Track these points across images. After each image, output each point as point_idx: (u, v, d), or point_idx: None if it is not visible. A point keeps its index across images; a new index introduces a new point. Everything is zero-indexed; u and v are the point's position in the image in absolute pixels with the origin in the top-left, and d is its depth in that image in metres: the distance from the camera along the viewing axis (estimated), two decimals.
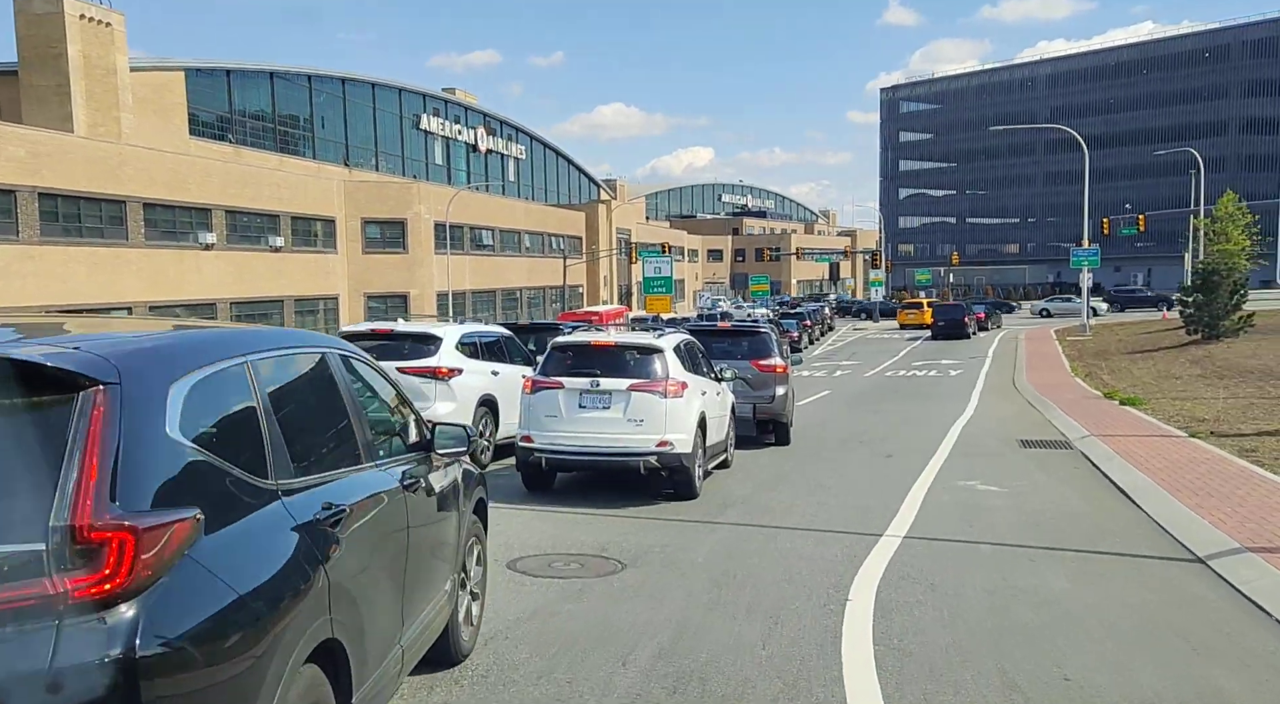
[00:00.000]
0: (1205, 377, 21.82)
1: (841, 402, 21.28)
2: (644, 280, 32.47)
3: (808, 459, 12.21)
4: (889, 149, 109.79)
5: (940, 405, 19.92)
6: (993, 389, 23.42)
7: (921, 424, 16.52)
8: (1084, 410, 17.01)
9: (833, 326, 55.26)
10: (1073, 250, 41.48)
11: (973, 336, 44.24)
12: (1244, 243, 43.36)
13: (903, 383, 25.93)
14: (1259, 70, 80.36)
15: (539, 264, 66.05)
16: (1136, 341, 33.92)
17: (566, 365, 9.11)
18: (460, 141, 77.93)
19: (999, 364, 30.80)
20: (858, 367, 31.71)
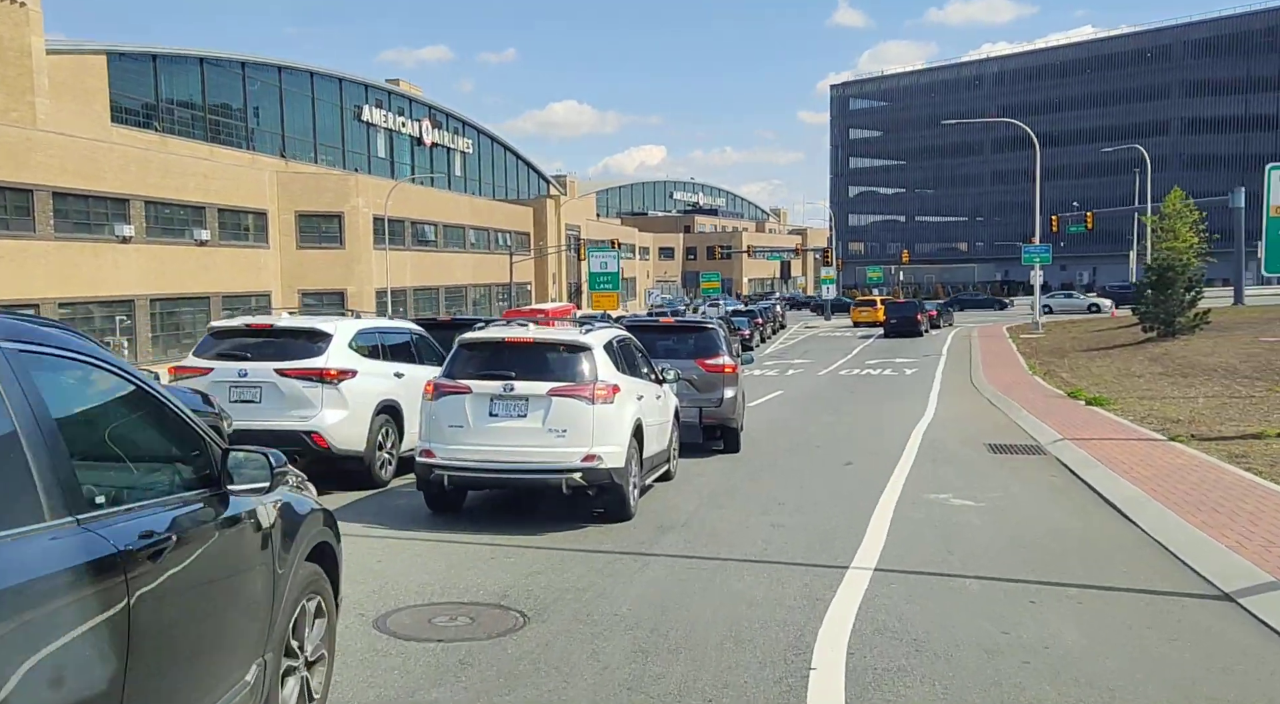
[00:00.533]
0: (1167, 375, 21.13)
1: (795, 402, 20.17)
2: (590, 276, 31.10)
3: (760, 469, 10.98)
4: (839, 146, 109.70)
5: (899, 406, 18.89)
6: (951, 388, 22.51)
7: (881, 427, 15.43)
8: (1050, 411, 16.07)
9: (784, 324, 54.44)
10: (1024, 247, 41.08)
11: (925, 334, 43.64)
12: (1192, 240, 43.32)
13: (858, 382, 24.95)
14: (1200, 70, 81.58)
15: (485, 260, 64.27)
16: (1091, 339, 33.45)
17: (476, 366, 7.72)
18: (404, 134, 75.76)
19: (954, 362, 30.03)
20: (811, 365, 30.73)
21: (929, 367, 28.85)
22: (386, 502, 8.55)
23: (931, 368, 28.41)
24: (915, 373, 27.02)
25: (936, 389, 22.28)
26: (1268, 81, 78.95)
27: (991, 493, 9.32)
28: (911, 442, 13.34)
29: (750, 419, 15.93)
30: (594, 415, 7.43)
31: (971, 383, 23.63)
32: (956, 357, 32.02)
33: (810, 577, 6.02)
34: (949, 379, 24.70)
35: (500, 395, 7.49)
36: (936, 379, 24.79)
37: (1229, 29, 79.65)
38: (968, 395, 20.92)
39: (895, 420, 16.26)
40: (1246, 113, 78.54)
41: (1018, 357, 29.71)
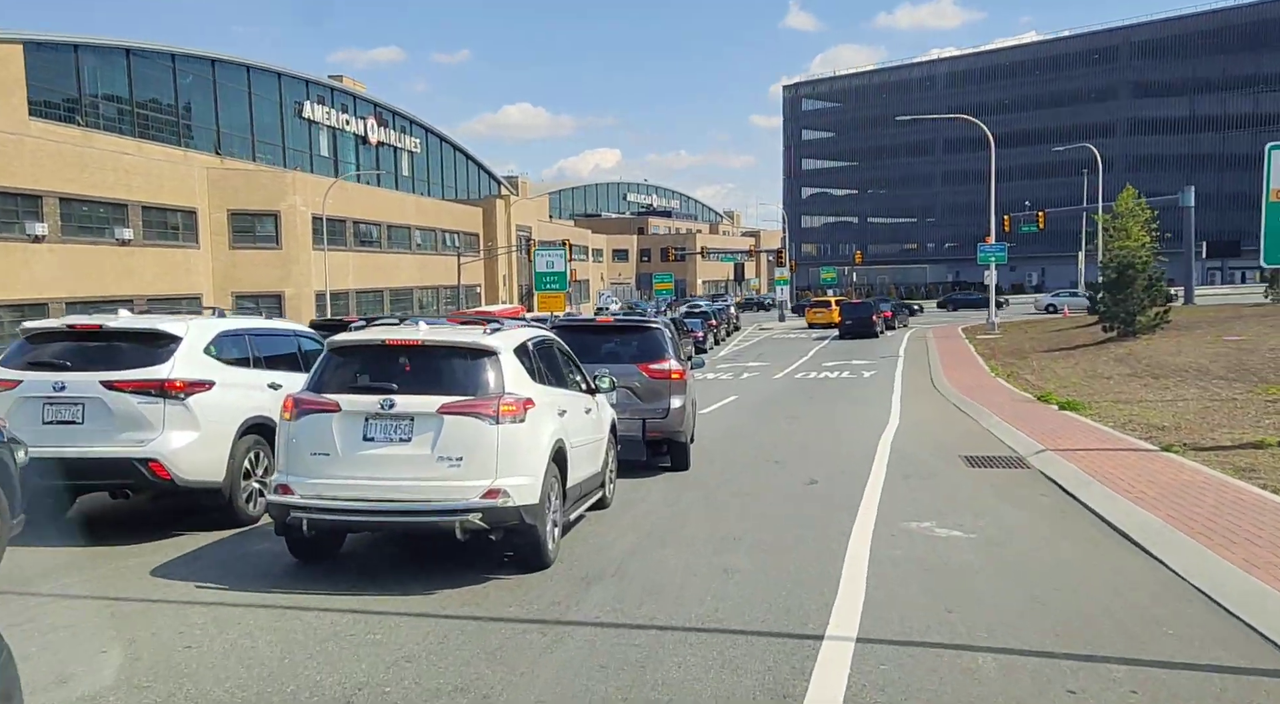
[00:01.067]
0: (1137, 376, 20.20)
1: (751, 408, 18.83)
2: (536, 276, 29.52)
3: (712, 491, 9.57)
4: (792, 147, 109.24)
5: (861, 411, 17.65)
6: (913, 391, 21.37)
7: (844, 435, 14.13)
8: (1023, 416, 14.91)
9: (739, 326, 53.33)
10: (980, 247, 40.40)
11: (881, 335, 42.77)
12: (1145, 239, 43.02)
13: (815, 386, 23.73)
14: (1146, 72, 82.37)
15: (431, 262, 62.29)
16: (1049, 339, 32.71)
17: (349, 377, 6.14)
18: (348, 132, 73.39)
19: (913, 364, 29.01)
20: (766, 368, 29.49)
21: (887, 369, 27.79)
22: (244, 547, 6.90)
23: (890, 370, 27.35)
24: (874, 375, 25.92)
25: (898, 392, 21.14)
26: (1212, 82, 79.99)
27: (981, 520, 8.01)
28: (879, 453, 12.05)
29: (703, 428, 14.55)
30: (499, 438, 5.86)
31: (933, 385, 22.54)
32: (914, 358, 31.05)
33: (774, 654, 4.60)
34: (910, 382, 23.59)
35: (378, 414, 5.89)
36: (896, 382, 23.68)
37: (1174, 31, 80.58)
38: (931, 399, 19.78)
39: (858, 428, 14.99)
40: (1192, 114, 79.49)
41: (977, 358, 28.79)
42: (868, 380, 24.62)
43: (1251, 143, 77.85)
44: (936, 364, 27.60)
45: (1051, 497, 9.11)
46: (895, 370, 27.05)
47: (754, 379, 26.14)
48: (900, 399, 19.70)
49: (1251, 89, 78.68)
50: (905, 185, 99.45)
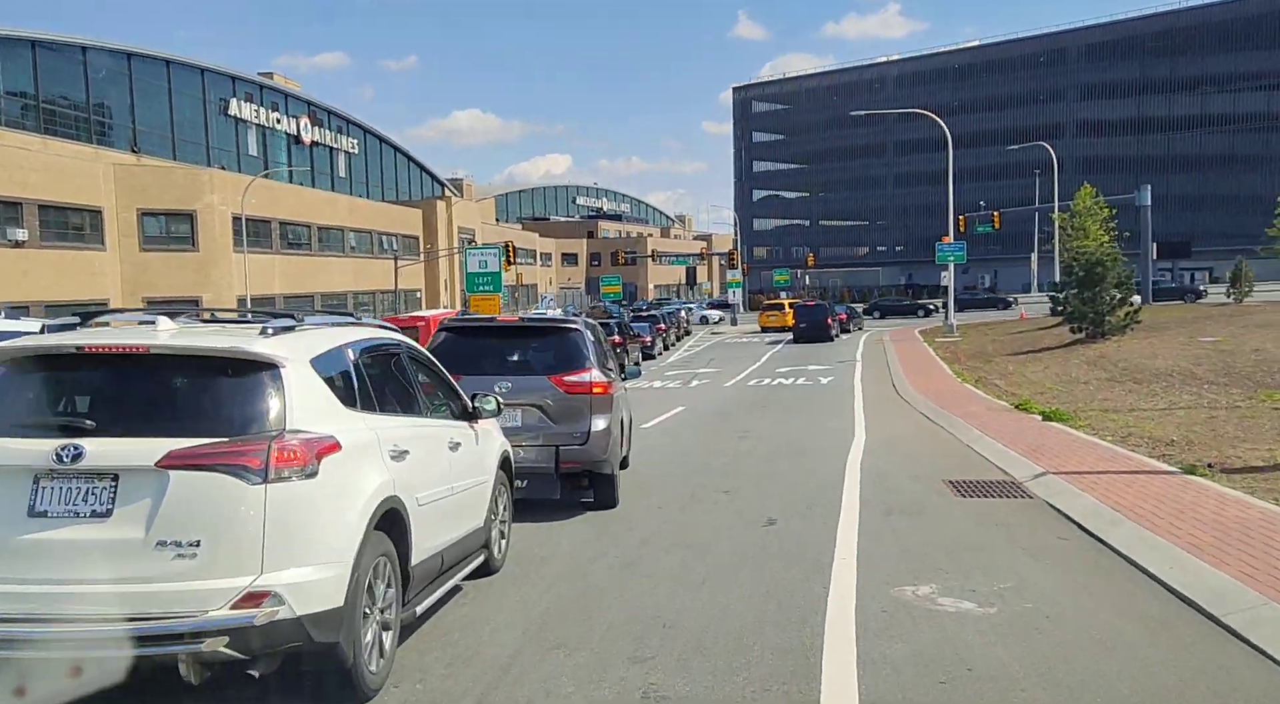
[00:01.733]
0: (1116, 380, 18.55)
1: (699, 422, 16.75)
2: (467, 277, 27.17)
3: (642, 541, 7.42)
4: (742, 150, 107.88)
5: (822, 424, 15.68)
6: (877, 399, 19.49)
7: (806, 454, 12.10)
8: (1004, 429, 13.04)
9: (690, 330, 51.42)
10: (938, 246, 38.99)
11: (836, 339, 41.13)
12: (1103, 238, 41.99)
13: (770, 393, 21.75)
14: (1094, 73, 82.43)
15: (368, 265, 59.44)
16: (1013, 342, 31.21)
17: (17, 409, 3.86)
18: (279, 132, 70.21)
19: (872, 369, 27.24)
20: (717, 375, 27.50)
21: (845, 374, 25.96)
22: None
23: (848, 376, 25.52)
24: (832, 382, 24.04)
25: (860, 401, 19.24)
26: (1158, 84, 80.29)
27: (996, 582, 5.98)
28: (849, 479, 10.02)
29: (643, 447, 12.44)
30: (267, 506, 3.63)
31: (897, 393, 20.71)
32: (873, 363, 29.31)
33: None
34: (871, 389, 21.74)
35: (55, 470, 3.62)
36: (857, 389, 21.81)
37: (1121, 33, 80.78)
38: (898, 409, 17.89)
39: (822, 444, 12.99)
40: (1139, 115, 79.69)
41: (939, 362, 27.12)
42: (826, 388, 22.73)
43: (1198, 144, 78.37)
44: (897, 369, 25.85)
45: (1074, 541, 7.12)
46: (854, 376, 25.23)
47: (704, 387, 24.11)
48: (864, 409, 17.78)
49: (1198, 90, 79.13)
50: (857, 188, 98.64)
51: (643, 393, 23.04)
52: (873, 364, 28.80)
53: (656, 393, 23.05)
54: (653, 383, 25.63)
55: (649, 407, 19.23)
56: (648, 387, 24.81)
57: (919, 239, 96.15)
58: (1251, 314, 30.17)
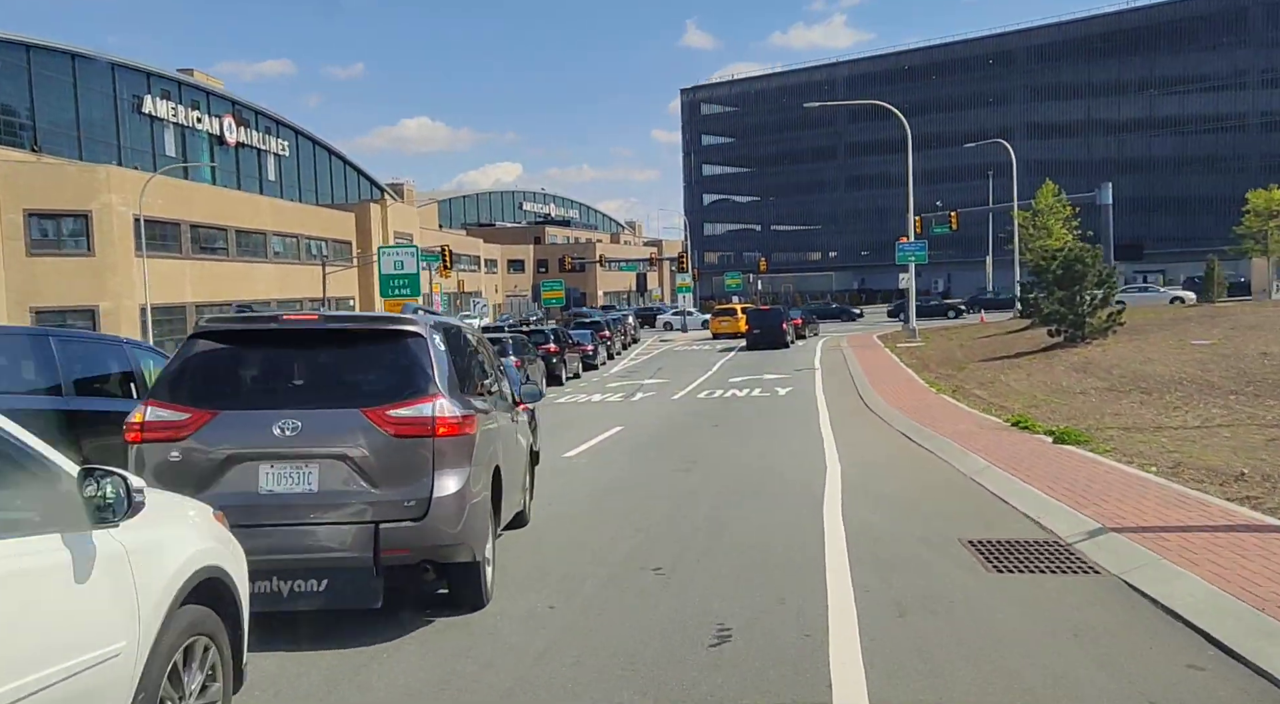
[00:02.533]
0: (1118, 390, 16.17)
1: (637, 446, 13.95)
2: (380, 279, 24.06)
3: (510, 689, 4.46)
4: (692, 153, 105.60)
5: (784, 447, 12.99)
6: (845, 414, 16.88)
7: (767, 497, 9.35)
8: (1011, 455, 10.45)
9: (637, 338, 48.68)
10: (898, 245, 36.79)
11: (792, 345, 38.70)
12: (1066, 237, 40.23)
13: (722, 409, 19.04)
14: (1042, 75, 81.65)
15: (294, 272, 55.76)
16: (983, 347, 28.95)
17: None
18: (200, 132, 66.09)
19: (834, 377, 24.73)
20: (664, 386, 24.74)
21: (805, 384, 23.40)
22: None
23: (808, 385, 22.96)
24: (792, 392, 21.44)
25: (825, 416, 16.61)
26: (1108, 86, 79.73)
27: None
28: (831, 539, 7.28)
29: (555, 489, 9.61)
30: None
31: (866, 406, 18.15)
32: (834, 371, 26.81)
33: None
34: (837, 401, 19.15)
35: None
36: (820, 401, 19.20)
37: (1069, 34, 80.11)
38: (871, 426, 15.28)
39: (787, 478, 10.28)
40: (1089, 117, 79.05)
41: (905, 370, 24.72)
42: (785, 400, 20.09)
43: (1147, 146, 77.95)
44: (862, 378, 23.36)
45: (1214, 670, 4.41)
46: (815, 386, 22.66)
47: (649, 401, 21.33)
48: (832, 427, 15.13)
49: (1146, 92, 78.70)
50: (809, 191, 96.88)
51: (578, 410, 20.20)
52: (834, 372, 26.29)
53: (593, 409, 20.22)
54: (591, 396, 22.80)
55: (581, 427, 16.40)
56: (585, 401, 21.98)
57: (872, 243, 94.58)
58: (1232, 315, 28.30)
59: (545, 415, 19.58)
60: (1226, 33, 74.21)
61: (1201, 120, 76.27)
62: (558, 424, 17.13)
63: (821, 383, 23.58)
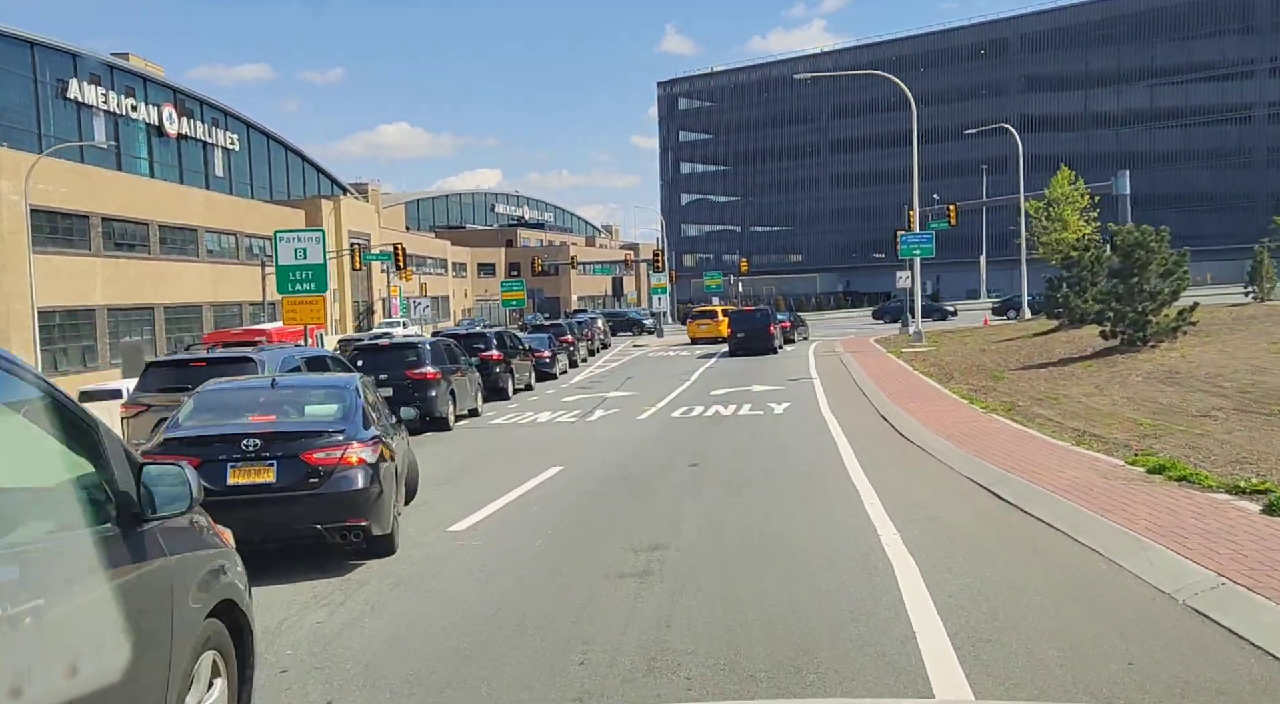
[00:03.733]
0: (1245, 410, 11.65)
1: (569, 510, 9.24)
2: (277, 272, 19.22)
3: None
4: (669, 150, 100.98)
5: (802, 509, 8.37)
6: (871, 443, 12.27)
7: (806, 669, 4.60)
8: (1235, 551, 5.79)
9: (607, 343, 43.97)
10: (901, 237, 32.35)
11: (780, 351, 34.13)
12: (1084, 230, 35.97)
13: (703, 434, 14.37)
14: (1037, 65, 77.77)
15: (230, 273, 50.68)
16: (1010, 352, 24.42)
17: None
18: (136, 121, 60.70)
19: (840, 391, 20.15)
20: (631, 401, 20.05)
21: (805, 398, 18.81)
22: None
23: (809, 400, 18.38)
24: (790, 411, 16.82)
25: (846, 447, 12.00)
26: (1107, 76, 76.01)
27: None
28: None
29: (392, 616, 4.73)
30: None
31: (895, 429, 13.59)
32: (837, 382, 22.26)
33: None
34: (853, 423, 14.55)
35: None
36: (832, 424, 14.60)
37: (1063, 22, 76.26)
38: (917, 465, 10.67)
39: (829, 598, 5.62)
40: (1085, 110, 75.26)
41: (925, 380, 20.23)
42: (785, 421, 15.46)
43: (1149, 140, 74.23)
44: (875, 390, 18.80)
45: None
46: (819, 402, 18.07)
47: (608, 423, 16.63)
48: (862, 466, 10.50)
49: (1146, 82, 75.06)
50: (790, 190, 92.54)
51: (513, 435, 15.48)
52: (838, 383, 21.70)
53: (534, 435, 15.50)
54: (538, 416, 18.07)
55: (503, 467, 11.72)
56: (530, 421, 17.26)
57: (857, 244, 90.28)
58: None
59: (468, 444, 14.88)
60: (1231, 19, 70.69)
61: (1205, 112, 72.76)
62: (472, 460, 12.49)
63: (825, 396, 18.99)
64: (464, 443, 14.76)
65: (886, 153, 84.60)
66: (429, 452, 13.04)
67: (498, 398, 21.58)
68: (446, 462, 12.49)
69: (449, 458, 12.93)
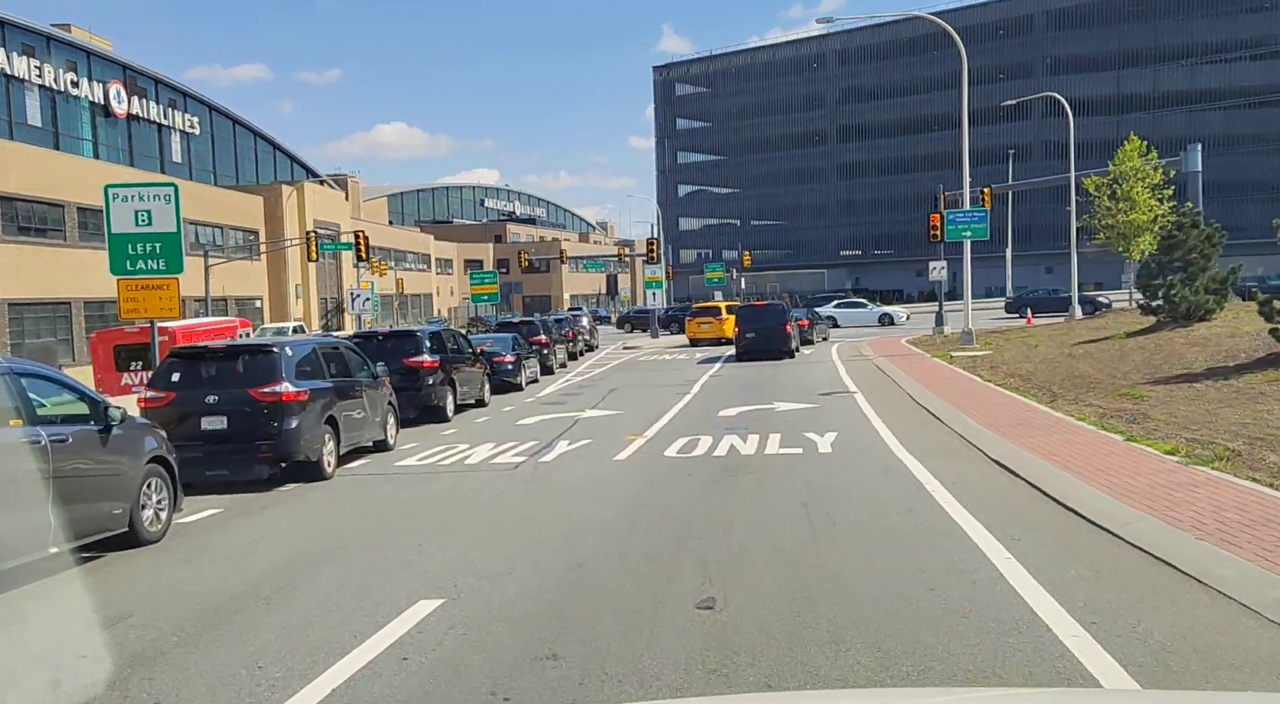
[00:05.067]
0: None
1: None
2: (110, 244, 13.46)
3: None
4: (665, 139, 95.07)
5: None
6: (1036, 538, 6.53)
7: None
8: None
9: (594, 345, 38.28)
10: (948, 215, 26.71)
11: (797, 353, 28.50)
12: (1158, 210, 30.32)
13: (713, 497, 8.72)
14: (1065, 45, 72.11)
15: None
16: (1116, 357, 18.65)
17: None
18: (79, 98, 54.84)
19: (895, 411, 14.56)
20: (610, 426, 14.36)
21: (854, 425, 13.19)
22: None
23: (861, 428, 12.77)
24: (842, 447, 11.19)
25: (993, 548, 6.29)
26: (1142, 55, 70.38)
27: None
28: None
29: None
30: None
31: (1042, 492, 7.93)
32: (885, 396, 16.66)
33: None
34: (954, 474, 8.93)
35: None
36: (923, 477, 8.99)
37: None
38: (1188, 610, 4.86)
39: None
40: (1118, 92, 69.66)
41: (1013, 396, 14.72)
42: (838, 466, 9.84)
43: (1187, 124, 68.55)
44: (947, 410, 13.25)
45: None
46: (873, 427, 12.47)
47: (569, 467, 10.95)
48: (1066, 609, 4.73)
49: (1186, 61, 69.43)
50: (794, 181, 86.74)
51: (412, 493, 9.72)
52: (889, 401, 16.05)
53: (444, 491, 9.78)
54: (471, 452, 12.39)
55: (320, 602, 5.91)
56: (455, 462, 11.58)
57: (869, 237, 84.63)
58: None
59: (319, 518, 8.64)
60: None
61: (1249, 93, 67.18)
62: (284, 570, 6.80)
63: (881, 420, 13.36)
64: (315, 514, 9.02)
65: (901, 141, 79.00)
66: (215, 545, 7.45)
67: (433, 419, 15.92)
68: (221, 578, 6.70)
69: (244, 564, 7.12)
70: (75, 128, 54.50)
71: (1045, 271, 71.49)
